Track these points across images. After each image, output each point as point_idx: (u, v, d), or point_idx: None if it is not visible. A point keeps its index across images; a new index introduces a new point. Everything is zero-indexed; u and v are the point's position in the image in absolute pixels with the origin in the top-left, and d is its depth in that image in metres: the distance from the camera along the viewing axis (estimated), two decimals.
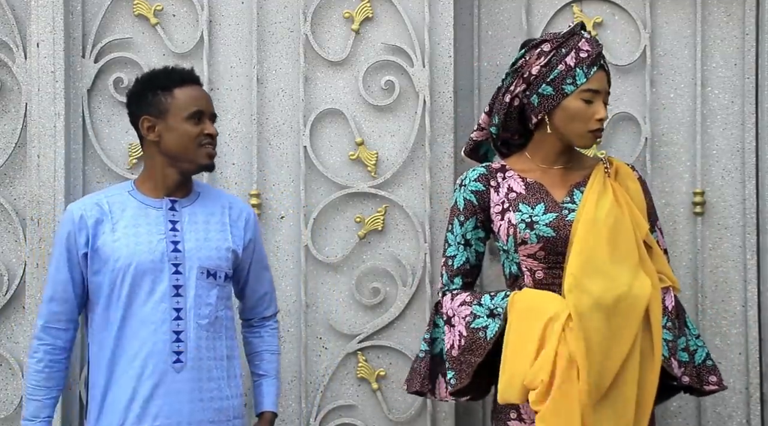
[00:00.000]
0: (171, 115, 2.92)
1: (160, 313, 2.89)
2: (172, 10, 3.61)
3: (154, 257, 2.90)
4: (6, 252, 3.60)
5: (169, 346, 2.87)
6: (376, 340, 3.57)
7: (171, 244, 2.92)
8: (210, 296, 2.95)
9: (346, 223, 3.59)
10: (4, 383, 3.59)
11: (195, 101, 2.94)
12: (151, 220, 2.94)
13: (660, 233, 3.13)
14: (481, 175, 3.11)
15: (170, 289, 2.90)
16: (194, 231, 2.96)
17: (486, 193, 3.09)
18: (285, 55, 3.59)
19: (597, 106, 2.99)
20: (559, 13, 3.64)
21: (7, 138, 3.59)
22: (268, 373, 3.14)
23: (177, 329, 2.89)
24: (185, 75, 2.97)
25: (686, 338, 3.04)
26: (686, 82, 3.63)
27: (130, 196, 2.97)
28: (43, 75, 3.51)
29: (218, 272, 2.97)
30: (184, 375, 2.90)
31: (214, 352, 2.96)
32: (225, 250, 2.99)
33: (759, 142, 3.61)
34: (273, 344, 3.18)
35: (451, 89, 3.57)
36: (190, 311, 2.91)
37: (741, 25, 3.63)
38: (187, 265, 2.92)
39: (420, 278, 3.55)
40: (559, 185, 3.05)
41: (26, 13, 3.54)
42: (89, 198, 3.00)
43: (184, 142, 2.92)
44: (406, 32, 3.56)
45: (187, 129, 2.92)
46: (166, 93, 2.92)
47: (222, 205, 3.05)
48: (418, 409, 3.55)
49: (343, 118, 3.58)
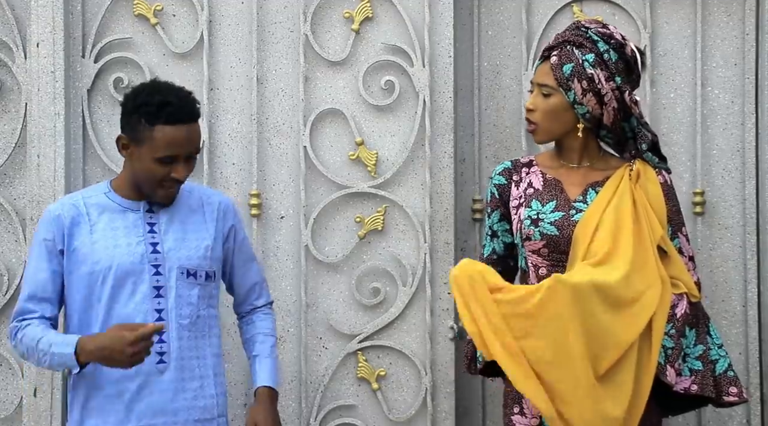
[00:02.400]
0: (144, 149, 2.85)
1: (142, 315, 2.88)
2: (172, 10, 3.61)
3: (134, 259, 2.89)
4: (6, 252, 3.60)
5: (152, 347, 2.84)
6: (376, 340, 3.57)
7: (150, 245, 2.91)
8: (191, 296, 2.95)
9: (346, 223, 3.59)
10: (4, 383, 3.59)
11: (170, 145, 2.84)
12: (129, 223, 2.93)
13: (686, 240, 3.06)
14: (506, 169, 3.15)
15: (151, 290, 2.90)
16: (172, 232, 2.95)
17: (507, 187, 3.12)
18: (285, 55, 3.59)
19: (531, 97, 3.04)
20: (559, 13, 3.64)
21: (7, 138, 3.59)
22: (260, 353, 3.10)
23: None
24: (175, 114, 2.84)
25: (705, 347, 2.98)
26: (686, 82, 3.63)
27: (107, 198, 2.95)
28: (43, 75, 3.51)
29: (198, 271, 2.96)
30: (168, 375, 2.91)
31: (197, 351, 2.95)
32: (204, 248, 2.98)
33: (759, 142, 3.61)
34: (266, 327, 3.15)
35: (451, 89, 3.56)
36: (172, 311, 2.91)
37: (741, 25, 3.63)
38: (167, 266, 2.92)
39: (420, 278, 3.55)
40: (577, 183, 3.04)
41: (26, 13, 3.54)
42: (67, 198, 2.99)
43: (148, 178, 2.89)
44: (406, 32, 3.56)
45: (153, 169, 2.87)
46: (148, 125, 2.84)
47: (199, 202, 3.03)
48: (418, 409, 3.55)
49: (343, 118, 3.58)
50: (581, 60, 2.95)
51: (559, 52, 2.98)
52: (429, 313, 3.54)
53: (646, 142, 3.03)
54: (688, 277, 3.01)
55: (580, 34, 2.99)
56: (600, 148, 3.10)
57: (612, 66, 2.96)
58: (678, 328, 2.94)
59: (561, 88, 2.96)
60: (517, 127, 3.65)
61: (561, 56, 2.97)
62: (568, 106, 2.98)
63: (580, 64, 2.95)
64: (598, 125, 3.04)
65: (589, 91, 2.95)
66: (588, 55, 2.95)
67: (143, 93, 2.89)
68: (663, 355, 2.90)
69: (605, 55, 2.96)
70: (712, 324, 3.04)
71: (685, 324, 2.96)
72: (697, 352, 2.97)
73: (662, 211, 3.01)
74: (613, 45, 2.97)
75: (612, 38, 2.98)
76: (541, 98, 3.00)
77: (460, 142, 3.64)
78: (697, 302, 3.01)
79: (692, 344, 2.98)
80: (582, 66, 2.95)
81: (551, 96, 2.98)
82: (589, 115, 2.99)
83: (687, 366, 2.96)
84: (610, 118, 2.99)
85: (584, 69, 2.95)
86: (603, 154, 3.11)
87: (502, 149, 3.67)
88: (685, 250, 3.06)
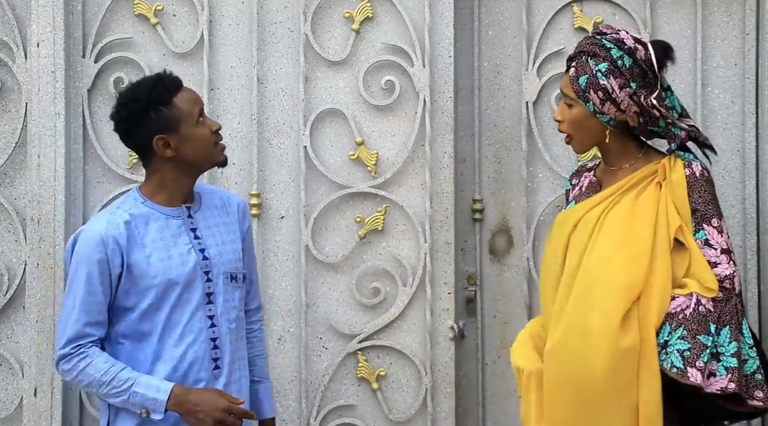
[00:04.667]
0: (182, 126, 2.86)
1: (197, 322, 2.88)
2: (172, 9, 3.61)
3: (189, 268, 2.88)
4: (6, 252, 3.60)
5: (209, 354, 2.88)
6: (377, 340, 3.57)
7: (199, 252, 2.91)
8: (235, 299, 2.97)
9: (347, 223, 3.59)
10: (4, 383, 3.59)
11: (195, 103, 2.90)
12: (174, 231, 2.90)
13: (717, 232, 2.96)
14: (573, 173, 3.27)
15: (203, 298, 2.90)
16: (212, 236, 2.96)
17: (570, 190, 3.21)
18: (285, 55, 3.59)
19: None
20: (559, 12, 3.63)
21: (8, 138, 3.59)
22: (262, 378, 3.14)
23: (213, 336, 2.90)
24: (175, 82, 2.90)
25: (739, 344, 2.90)
26: (686, 82, 3.63)
27: (148, 209, 2.90)
28: (43, 75, 3.51)
29: (238, 274, 2.98)
30: (221, 380, 2.92)
31: (239, 353, 2.98)
32: (239, 251, 3.00)
33: (759, 142, 3.60)
34: (262, 348, 3.18)
35: (451, 89, 3.56)
36: (222, 317, 2.92)
37: (741, 25, 3.62)
38: (215, 272, 2.93)
39: (420, 278, 3.55)
40: (610, 185, 3.06)
41: (26, 13, 3.54)
42: (110, 216, 2.89)
43: (203, 146, 2.89)
44: (406, 32, 3.56)
45: (202, 134, 2.89)
46: (168, 106, 2.85)
47: (221, 203, 3.04)
48: (418, 409, 3.55)
49: (343, 118, 3.58)
50: (594, 71, 2.97)
51: (576, 63, 3.01)
52: (429, 313, 3.54)
53: (675, 141, 3.03)
54: (704, 271, 2.92)
55: (595, 43, 3.00)
56: (642, 146, 3.10)
57: (626, 72, 2.97)
58: (690, 328, 2.86)
59: (580, 100, 3.00)
60: (517, 127, 3.65)
61: (577, 68, 3.00)
62: (590, 115, 3.00)
63: (593, 75, 2.97)
64: (628, 128, 3.05)
65: (606, 100, 2.97)
66: (601, 64, 2.97)
67: (138, 91, 2.88)
68: (680, 359, 2.83)
69: (619, 62, 2.97)
70: (745, 322, 2.96)
71: (702, 321, 2.87)
72: (732, 349, 2.88)
73: (684, 204, 2.97)
74: (627, 50, 2.98)
75: (624, 44, 2.99)
76: (567, 109, 3.04)
77: (460, 142, 3.64)
78: (721, 298, 2.91)
79: (727, 342, 2.89)
80: (595, 76, 2.97)
81: (574, 107, 3.02)
82: (613, 121, 3.01)
83: (722, 364, 2.87)
84: (635, 121, 3.01)
85: (598, 80, 2.96)
86: (646, 151, 3.10)
87: (502, 149, 3.67)
88: (715, 242, 2.96)
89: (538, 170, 3.64)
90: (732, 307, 2.93)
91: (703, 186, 3.00)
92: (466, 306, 3.66)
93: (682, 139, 3.04)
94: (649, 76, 3.01)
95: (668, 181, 2.99)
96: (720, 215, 3.00)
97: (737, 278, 2.95)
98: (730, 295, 2.93)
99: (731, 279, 2.94)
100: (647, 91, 2.99)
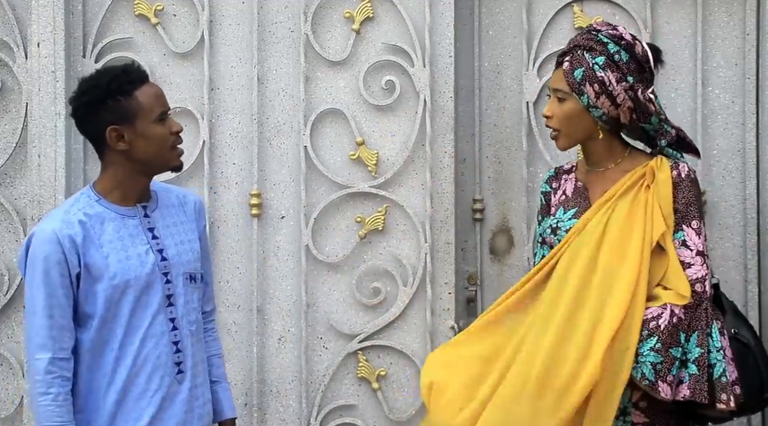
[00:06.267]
0: (139, 120, 2.73)
1: (158, 326, 2.77)
2: (172, 9, 3.61)
3: (147, 269, 2.76)
4: (6, 252, 3.60)
5: (171, 358, 2.78)
6: (377, 339, 3.57)
7: (157, 253, 2.79)
8: (194, 301, 2.86)
9: (347, 223, 3.59)
10: (5, 383, 3.59)
11: (158, 99, 2.76)
12: (132, 231, 2.78)
13: (695, 233, 2.96)
14: (550, 177, 3.20)
15: (164, 300, 2.78)
16: (170, 236, 2.84)
17: (549, 195, 3.17)
18: (285, 55, 3.59)
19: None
20: (559, 13, 3.64)
21: (8, 138, 3.59)
22: (220, 378, 3.01)
23: (175, 339, 2.79)
24: (141, 74, 2.75)
25: (704, 350, 2.88)
26: (687, 82, 3.63)
27: (103, 208, 2.78)
28: (43, 75, 3.51)
29: (196, 275, 2.87)
30: (185, 385, 2.81)
31: (200, 355, 2.88)
32: (197, 251, 2.89)
33: (759, 142, 3.61)
34: (219, 348, 3.05)
35: (451, 89, 3.57)
36: (182, 319, 2.81)
37: (742, 25, 3.63)
38: (174, 273, 2.81)
39: (420, 278, 3.55)
40: (599, 188, 3.05)
41: (27, 13, 3.55)
42: (64, 215, 2.74)
43: (158, 145, 2.75)
44: (406, 32, 3.56)
45: (159, 132, 2.74)
46: (128, 97, 2.70)
47: (178, 201, 2.91)
48: (418, 409, 3.55)
49: (343, 118, 3.58)
50: (591, 63, 2.97)
51: (570, 57, 3.00)
52: (429, 313, 3.54)
53: (666, 139, 3.04)
54: (678, 278, 2.91)
55: (591, 38, 3.00)
56: (627, 146, 3.10)
57: (623, 66, 2.97)
58: (664, 341, 2.84)
59: (574, 93, 2.98)
60: (517, 127, 3.65)
61: (572, 61, 2.99)
62: (583, 109, 2.99)
63: (590, 68, 2.96)
64: (617, 126, 3.04)
65: (601, 93, 2.96)
66: (598, 58, 2.96)
67: (99, 79, 2.76)
68: (652, 372, 2.83)
69: (616, 56, 2.97)
70: (715, 326, 2.93)
71: (674, 333, 2.86)
72: (695, 355, 2.88)
73: (668, 206, 2.96)
74: (624, 45, 2.98)
75: (622, 39, 2.99)
76: (557, 104, 3.02)
77: (461, 142, 3.64)
78: (692, 304, 2.90)
79: (693, 347, 2.89)
80: (592, 69, 2.96)
81: (566, 101, 3.00)
82: (605, 116, 2.99)
83: (687, 371, 2.88)
84: (627, 117, 3.00)
85: (594, 72, 2.96)
86: (630, 152, 3.09)
87: (503, 149, 3.67)
88: (692, 243, 2.96)
89: (538, 170, 3.64)
90: (702, 312, 2.92)
91: (687, 187, 2.99)
92: (467, 306, 3.66)
93: (672, 136, 3.04)
94: (646, 73, 3.01)
95: (655, 181, 2.98)
96: (701, 217, 3.00)
97: (708, 282, 2.95)
98: (701, 300, 2.92)
99: (702, 282, 2.93)
100: (643, 86, 3.00)
